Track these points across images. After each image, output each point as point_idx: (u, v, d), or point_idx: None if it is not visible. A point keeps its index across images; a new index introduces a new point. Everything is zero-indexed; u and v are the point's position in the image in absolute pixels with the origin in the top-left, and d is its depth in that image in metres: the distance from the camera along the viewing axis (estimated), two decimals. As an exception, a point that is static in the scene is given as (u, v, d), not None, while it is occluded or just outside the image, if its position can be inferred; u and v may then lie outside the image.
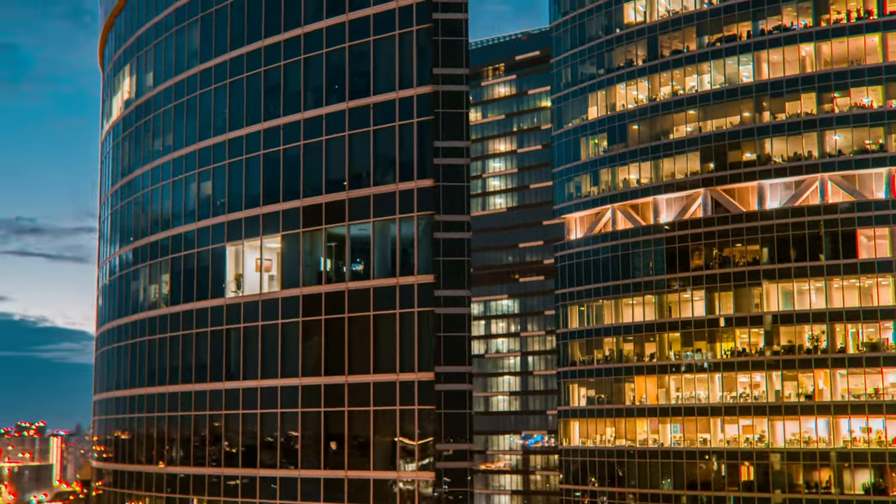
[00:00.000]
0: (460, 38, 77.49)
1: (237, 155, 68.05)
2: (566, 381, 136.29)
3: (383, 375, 60.28)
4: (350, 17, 64.00)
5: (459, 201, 77.36)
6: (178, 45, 75.26)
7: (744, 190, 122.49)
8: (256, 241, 66.56)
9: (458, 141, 77.97)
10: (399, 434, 59.98)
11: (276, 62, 66.60)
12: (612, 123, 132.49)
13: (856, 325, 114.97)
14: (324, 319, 62.79)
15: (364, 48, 62.76)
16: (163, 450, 74.16)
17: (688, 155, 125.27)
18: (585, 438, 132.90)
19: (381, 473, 60.23)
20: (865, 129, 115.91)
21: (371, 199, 61.54)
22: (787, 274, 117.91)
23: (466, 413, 77.01)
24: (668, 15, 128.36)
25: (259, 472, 65.23)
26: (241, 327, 66.89)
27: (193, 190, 71.99)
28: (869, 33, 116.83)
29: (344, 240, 62.66)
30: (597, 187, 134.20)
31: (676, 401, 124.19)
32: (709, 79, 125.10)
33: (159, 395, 74.55)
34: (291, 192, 65.12)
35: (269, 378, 64.97)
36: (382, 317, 60.81)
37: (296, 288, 64.34)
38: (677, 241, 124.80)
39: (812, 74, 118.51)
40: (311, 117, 64.41)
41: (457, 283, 78.06)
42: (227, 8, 70.10)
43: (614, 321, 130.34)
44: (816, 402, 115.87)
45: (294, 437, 63.84)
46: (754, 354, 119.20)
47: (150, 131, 78.63)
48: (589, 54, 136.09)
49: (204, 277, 70.44)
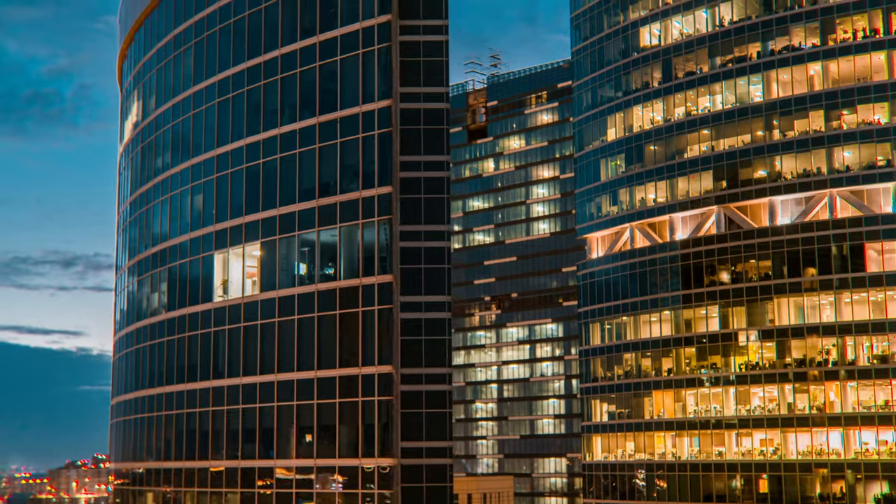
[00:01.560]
0: (441, 59, 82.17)
1: (224, 169, 73.24)
2: (588, 397, 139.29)
3: (348, 370, 64.68)
4: (321, 38, 68.96)
5: (440, 212, 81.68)
6: (175, 70, 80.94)
7: (756, 206, 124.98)
8: (240, 249, 71.53)
9: (438, 155, 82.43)
10: (361, 423, 64.22)
11: (256, 82, 71.76)
12: (630, 144, 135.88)
13: (866, 338, 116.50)
14: (297, 319, 67.41)
15: (332, 67, 67.60)
16: (159, 447, 79.34)
17: (701, 173, 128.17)
18: (607, 453, 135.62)
19: (346, 461, 64.50)
20: (872, 145, 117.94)
21: (338, 206, 66.20)
22: (797, 288, 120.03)
23: (446, 412, 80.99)
24: (681, 38, 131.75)
25: (241, 464, 69.84)
26: (226, 329, 71.78)
27: (187, 204, 77.31)
28: (875, 51, 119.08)
29: (314, 245, 67.34)
30: (616, 207, 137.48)
31: (693, 414, 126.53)
32: (721, 99, 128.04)
33: (157, 395, 79.73)
34: (269, 201, 70.05)
35: (249, 376, 69.64)
36: (347, 315, 65.28)
37: (272, 291, 69.13)
38: (692, 258, 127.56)
39: (820, 92, 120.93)
40: (286, 132, 69.37)
41: (438, 290, 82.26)
42: (217, 33, 75.55)
43: (633, 337, 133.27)
44: (828, 414, 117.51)
45: (270, 429, 68.38)
46: (767, 368, 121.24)
47: (152, 151, 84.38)
48: (607, 78, 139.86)
49: (195, 284, 75.55)
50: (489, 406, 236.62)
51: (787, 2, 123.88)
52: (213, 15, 76.15)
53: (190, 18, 79.00)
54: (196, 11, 78.38)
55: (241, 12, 73.85)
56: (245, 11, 73.51)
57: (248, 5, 73.31)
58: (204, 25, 77.19)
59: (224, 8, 75.36)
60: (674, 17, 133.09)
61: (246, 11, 73.46)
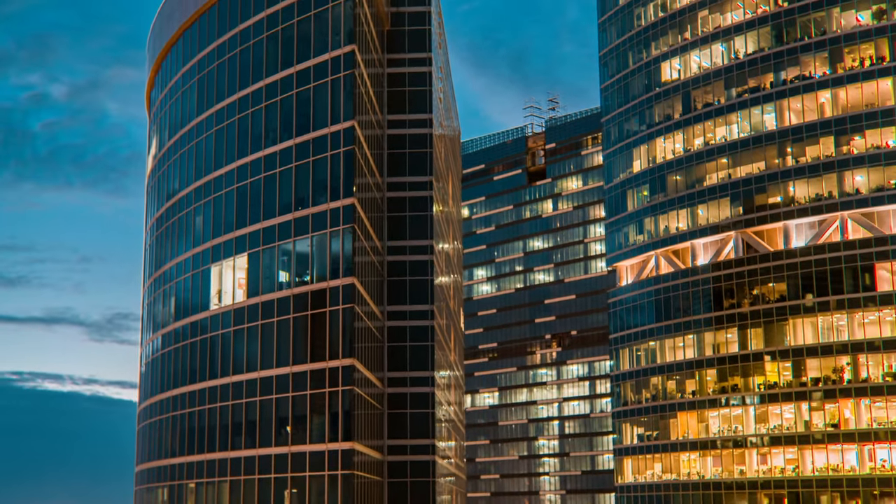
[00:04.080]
0: (425, 88, 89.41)
1: (219, 190, 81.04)
2: (620, 421, 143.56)
3: (317, 364, 71.46)
4: (297, 68, 76.65)
5: (423, 229, 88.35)
6: (182, 104, 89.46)
7: (771, 231, 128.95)
8: (231, 261, 79.05)
9: (422, 176, 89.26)
10: (328, 412, 70.80)
11: (246, 110, 79.61)
12: (654, 175, 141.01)
13: (879, 356, 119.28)
14: (275, 321, 74.49)
15: (306, 94, 75.10)
16: (165, 445, 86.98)
17: (720, 200, 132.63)
18: (637, 474, 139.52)
19: (315, 446, 71.04)
20: (881, 169, 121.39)
21: (310, 217, 73.36)
22: (812, 309, 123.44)
23: (429, 413, 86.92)
24: (699, 71, 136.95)
25: (230, 455, 76.77)
26: (220, 334, 79.17)
27: (191, 223, 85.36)
28: (882, 78, 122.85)
29: (291, 253, 74.57)
30: (642, 236, 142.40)
31: (715, 435, 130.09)
32: (737, 128, 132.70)
33: (167, 399, 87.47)
34: (255, 217, 77.57)
35: (237, 374, 76.78)
36: (316, 315, 72.15)
37: (256, 297, 76.38)
38: (711, 283, 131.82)
39: (830, 119, 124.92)
40: (269, 153, 76.95)
41: (421, 300, 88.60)
42: (215, 69, 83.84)
43: (659, 361, 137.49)
44: (843, 431, 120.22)
45: (253, 422, 75.26)
46: (785, 387, 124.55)
47: (165, 178, 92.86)
48: (633, 112, 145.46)
49: (196, 295, 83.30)
50: (552, 443, 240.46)
51: (797, 33, 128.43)
52: (213, 53, 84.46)
53: (194, 57, 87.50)
54: (199, 50, 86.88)
55: (234, 49, 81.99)
56: (237, 48, 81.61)
57: (239, 41, 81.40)
58: (205, 62, 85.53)
59: (220, 47, 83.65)
60: (692, 51, 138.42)
61: (238, 48, 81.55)
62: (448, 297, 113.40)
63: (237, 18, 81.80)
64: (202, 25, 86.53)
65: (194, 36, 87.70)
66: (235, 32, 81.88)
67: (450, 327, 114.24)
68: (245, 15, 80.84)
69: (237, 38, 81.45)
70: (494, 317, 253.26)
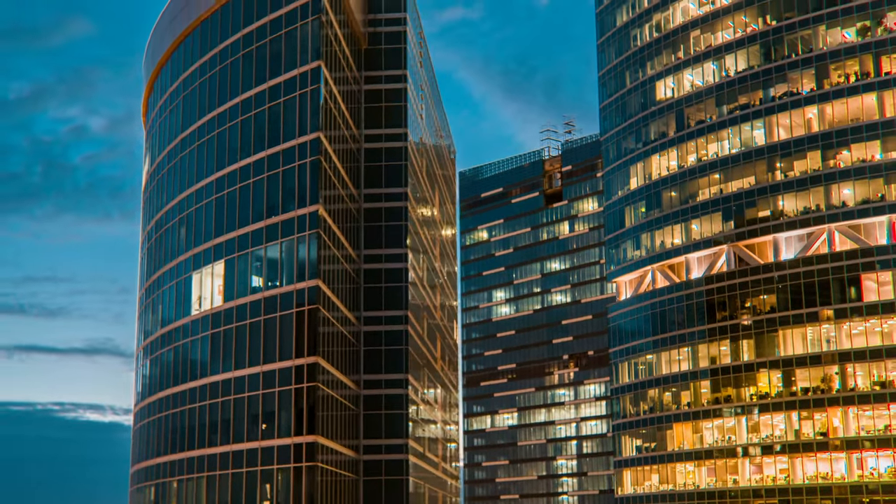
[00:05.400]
0: (400, 104, 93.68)
1: (200, 201, 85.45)
2: (619, 433, 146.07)
3: (285, 363, 75.40)
4: (269, 84, 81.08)
5: (399, 237, 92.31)
6: (169, 122, 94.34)
7: (762, 244, 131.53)
8: (210, 268, 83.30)
9: (398, 188, 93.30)
10: (294, 407, 74.59)
11: (224, 125, 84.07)
12: (650, 191, 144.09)
13: (866, 365, 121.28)
14: (248, 324, 78.51)
15: (277, 108, 79.51)
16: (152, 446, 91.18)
17: (712, 215, 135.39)
18: (636, 486, 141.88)
19: (282, 441, 74.80)
20: (867, 181, 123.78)
21: (280, 224, 77.46)
22: (801, 319, 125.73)
23: (403, 413, 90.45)
24: (692, 89, 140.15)
25: (207, 452, 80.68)
26: (199, 337, 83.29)
27: (175, 234, 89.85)
28: (866, 93, 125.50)
29: (263, 258, 78.68)
30: (639, 251, 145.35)
31: (709, 445, 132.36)
32: (728, 144, 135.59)
33: (155, 401, 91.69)
34: (231, 225, 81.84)
35: (215, 375, 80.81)
36: (284, 316, 76.15)
37: (232, 301, 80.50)
38: (705, 296, 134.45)
39: (817, 134, 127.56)
40: (244, 165, 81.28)
41: (396, 306, 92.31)
42: (197, 88, 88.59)
43: (655, 374, 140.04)
44: (831, 439, 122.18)
45: (228, 420, 79.13)
46: (775, 397, 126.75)
47: (156, 192, 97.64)
48: (630, 130, 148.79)
49: (179, 301, 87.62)
50: (570, 463, 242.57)
51: (785, 50, 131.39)
52: (195, 72, 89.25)
53: (180, 76, 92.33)
54: (184, 70, 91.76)
55: (214, 67, 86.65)
56: (217, 67, 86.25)
57: (219, 60, 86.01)
58: (189, 81, 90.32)
59: (203, 65, 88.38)
60: (686, 70, 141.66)
61: (218, 66, 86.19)
62: (432, 308, 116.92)
63: (217, 38, 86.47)
64: (187, 46, 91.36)
65: (180, 57, 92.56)
66: (216, 52, 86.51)
67: (434, 338, 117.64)
68: (224, 35, 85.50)
69: (217, 58, 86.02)
70: (513, 338, 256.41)
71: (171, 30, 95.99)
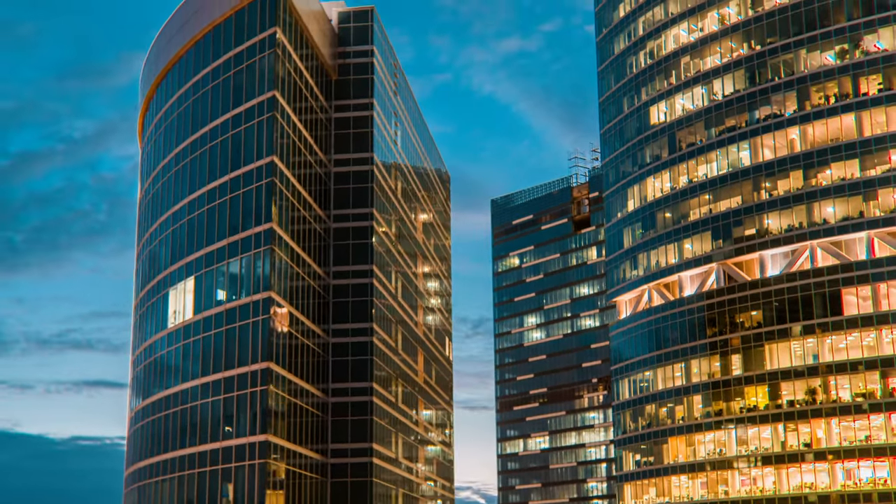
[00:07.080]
0: (367, 130, 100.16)
1: (177, 222, 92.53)
2: (620, 449, 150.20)
3: (243, 368, 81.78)
4: (233, 113, 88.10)
5: (364, 255, 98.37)
6: (154, 148, 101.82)
7: (749, 262, 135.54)
8: (183, 284, 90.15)
9: (364, 208, 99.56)
10: (249, 410, 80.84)
11: (196, 151, 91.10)
12: (645, 213, 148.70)
13: (847, 377, 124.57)
14: (213, 334, 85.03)
15: (239, 135, 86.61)
16: (138, 449, 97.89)
17: (702, 234, 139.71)
18: (636, 499, 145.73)
19: (240, 440, 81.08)
20: (846, 199, 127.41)
21: (240, 242, 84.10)
22: (785, 334, 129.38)
23: (368, 419, 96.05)
24: (683, 113, 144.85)
25: (178, 453, 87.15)
26: (173, 348, 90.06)
27: (158, 254, 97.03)
28: (845, 113, 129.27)
29: (225, 273, 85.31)
30: (636, 271, 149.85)
31: (702, 457, 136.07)
32: (717, 165, 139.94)
33: (143, 408, 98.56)
34: (200, 244, 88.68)
35: (186, 382, 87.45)
36: (243, 326, 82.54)
37: (200, 314, 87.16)
38: (696, 313, 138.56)
39: (798, 154, 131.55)
40: (211, 188, 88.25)
41: (362, 318, 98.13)
42: (176, 118, 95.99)
43: (652, 389, 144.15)
44: (815, 450, 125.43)
45: (195, 424, 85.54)
46: (762, 409, 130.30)
47: (144, 214, 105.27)
48: (627, 154, 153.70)
49: (158, 315, 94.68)
50: (601, 485, 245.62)
51: (769, 74, 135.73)
52: (175, 104, 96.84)
53: (163, 107, 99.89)
54: (166, 100, 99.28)
55: (188, 98, 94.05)
56: (191, 98, 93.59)
57: (192, 92, 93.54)
58: (171, 111, 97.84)
59: (181, 96, 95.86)
60: (677, 95, 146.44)
61: (191, 98, 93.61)
62: (411, 324, 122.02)
63: (191, 72, 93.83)
64: (171, 78, 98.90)
65: (165, 87, 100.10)
66: (191, 84, 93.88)
67: (414, 352, 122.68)
68: (196, 68, 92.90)
69: (191, 90, 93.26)
70: (544, 362, 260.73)
71: (163, 56, 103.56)
